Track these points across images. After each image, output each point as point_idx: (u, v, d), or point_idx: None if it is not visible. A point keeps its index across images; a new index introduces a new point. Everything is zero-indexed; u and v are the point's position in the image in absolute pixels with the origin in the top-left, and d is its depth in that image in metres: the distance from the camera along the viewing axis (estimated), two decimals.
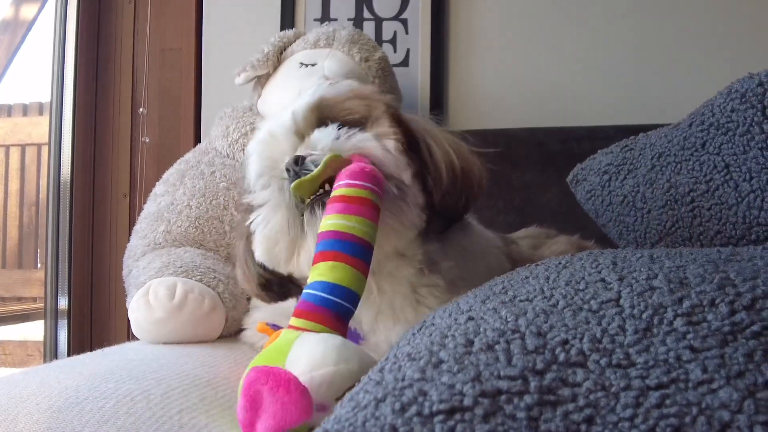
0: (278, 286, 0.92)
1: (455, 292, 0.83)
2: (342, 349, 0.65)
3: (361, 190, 0.76)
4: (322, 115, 0.86)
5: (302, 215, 0.82)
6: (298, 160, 0.81)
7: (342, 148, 0.81)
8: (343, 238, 0.73)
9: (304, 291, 0.72)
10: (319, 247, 0.73)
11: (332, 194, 0.76)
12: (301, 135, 0.86)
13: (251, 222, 0.86)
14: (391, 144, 0.84)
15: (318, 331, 0.68)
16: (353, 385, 0.63)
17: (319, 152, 0.81)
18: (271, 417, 0.61)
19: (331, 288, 0.71)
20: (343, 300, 0.71)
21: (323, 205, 0.78)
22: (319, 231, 0.74)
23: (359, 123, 0.86)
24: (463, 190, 0.88)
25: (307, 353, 0.65)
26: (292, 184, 0.80)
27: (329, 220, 0.74)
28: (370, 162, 0.79)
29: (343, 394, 0.63)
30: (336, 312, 0.70)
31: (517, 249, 1.06)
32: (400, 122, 0.88)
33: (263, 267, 0.89)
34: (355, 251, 0.72)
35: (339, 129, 0.84)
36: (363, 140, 0.83)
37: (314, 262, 0.73)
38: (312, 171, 0.79)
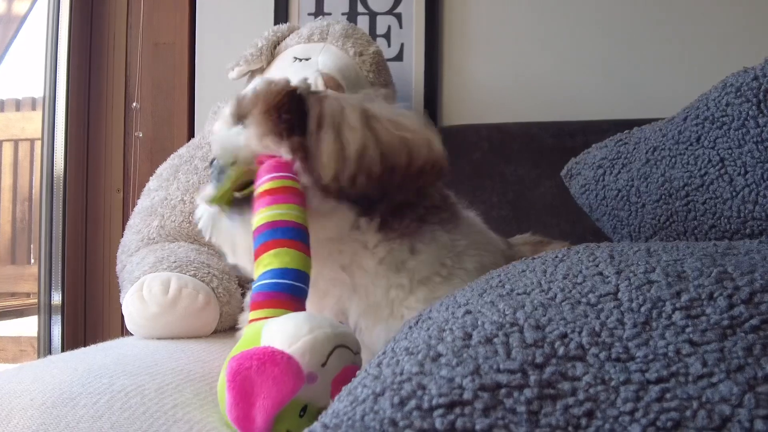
0: None
1: (433, 291, 0.82)
2: (311, 318, 0.66)
3: (283, 180, 0.77)
4: (239, 114, 0.89)
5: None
6: (212, 162, 0.86)
7: (228, 148, 0.85)
8: (277, 225, 0.74)
9: (253, 285, 0.72)
10: (258, 242, 0.74)
11: (257, 192, 0.78)
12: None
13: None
14: (258, 136, 0.85)
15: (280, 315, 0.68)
16: (333, 349, 0.64)
17: (221, 153, 0.85)
18: (266, 396, 0.61)
19: (280, 272, 0.71)
20: (295, 281, 0.71)
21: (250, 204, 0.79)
22: (253, 228, 0.75)
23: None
24: (395, 170, 0.83)
25: (279, 331, 0.64)
26: (210, 200, 0.83)
27: (261, 215, 0.75)
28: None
29: (327, 361, 0.63)
30: (291, 294, 0.70)
31: (520, 253, 1.04)
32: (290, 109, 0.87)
33: None
34: (291, 234, 0.73)
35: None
36: (240, 139, 0.85)
37: (255, 257, 0.74)
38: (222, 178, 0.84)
